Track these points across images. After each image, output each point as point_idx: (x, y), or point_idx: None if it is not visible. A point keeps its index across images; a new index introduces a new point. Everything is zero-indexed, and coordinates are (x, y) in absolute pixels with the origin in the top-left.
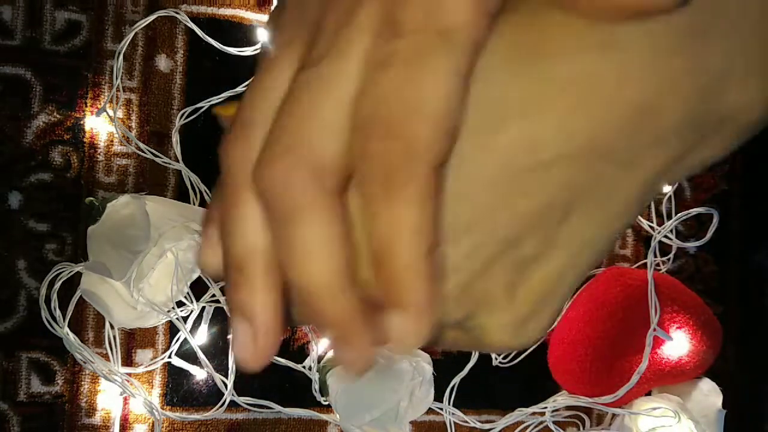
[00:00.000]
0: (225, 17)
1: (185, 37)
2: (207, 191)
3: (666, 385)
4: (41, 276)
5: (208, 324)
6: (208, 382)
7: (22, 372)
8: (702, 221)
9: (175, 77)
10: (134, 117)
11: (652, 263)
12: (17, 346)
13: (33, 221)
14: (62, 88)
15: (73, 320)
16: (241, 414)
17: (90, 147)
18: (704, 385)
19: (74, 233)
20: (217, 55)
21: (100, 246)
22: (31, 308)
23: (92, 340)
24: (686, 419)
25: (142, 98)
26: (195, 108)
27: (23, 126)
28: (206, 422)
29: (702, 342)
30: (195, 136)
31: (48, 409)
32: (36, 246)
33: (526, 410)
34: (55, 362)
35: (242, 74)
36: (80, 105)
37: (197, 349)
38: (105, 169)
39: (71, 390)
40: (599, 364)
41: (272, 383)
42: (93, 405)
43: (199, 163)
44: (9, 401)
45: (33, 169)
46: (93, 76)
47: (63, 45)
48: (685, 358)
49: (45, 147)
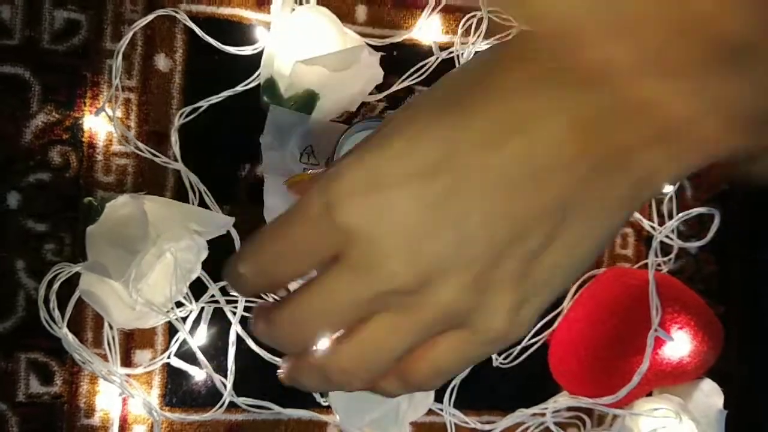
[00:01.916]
0: (224, 16)
1: (184, 37)
2: (206, 191)
3: (667, 385)
4: (40, 276)
5: (207, 324)
6: (207, 382)
7: (20, 372)
8: (703, 221)
9: (174, 76)
10: (133, 116)
11: (654, 263)
12: (16, 347)
13: (31, 221)
14: (61, 87)
15: (72, 321)
16: (241, 415)
17: (89, 147)
18: (705, 385)
19: (73, 233)
20: (217, 54)
21: (98, 246)
22: (29, 309)
23: (91, 340)
24: (687, 420)
25: (141, 98)
26: (194, 107)
27: (22, 126)
28: (205, 423)
29: (703, 342)
30: (194, 136)
31: (47, 410)
32: (34, 246)
33: (526, 411)
34: (53, 363)
35: (241, 73)
36: (79, 104)
37: (196, 350)
38: (104, 169)
39: (70, 390)
40: (600, 364)
41: (272, 384)
42: (92, 405)
43: (198, 162)
44: (7, 402)
45: (31, 169)
46: (92, 76)
47: (62, 44)
48: (686, 359)
49: (43, 147)
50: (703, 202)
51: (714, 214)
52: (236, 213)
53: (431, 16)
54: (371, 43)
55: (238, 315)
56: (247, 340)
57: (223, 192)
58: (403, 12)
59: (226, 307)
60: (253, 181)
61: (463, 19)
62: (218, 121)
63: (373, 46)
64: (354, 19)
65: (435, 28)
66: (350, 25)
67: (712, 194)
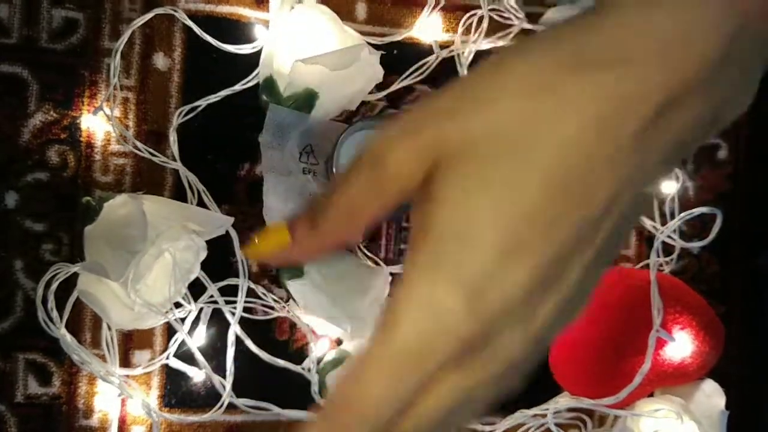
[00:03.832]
0: (223, 15)
1: (183, 35)
2: (205, 191)
3: (668, 386)
4: (38, 276)
5: (206, 325)
6: (206, 383)
7: (18, 373)
8: (705, 221)
9: (172, 75)
10: (131, 116)
11: (655, 264)
12: (14, 347)
13: (29, 221)
14: (59, 86)
15: (70, 321)
16: (240, 416)
17: (87, 146)
18: (707, 386)
19: (71, 233)
20: (215, 53)
21: (97, 246)
22: (27, 309)
23: (89, 341)
24: (689, 420)
25: (140, 97)
26: (193, 106)
27: (19, 125)
28: (204, 424)
29: (705, 343)
30: (193, 135)
31: (45, 411)
32: (33, 246)
33: (527, 412)
34: (52, 363)
35: (240, 72)
36: (77, 104)
37: (195, 351)
38: (102, 169)
39: (68, 391)
40: (601, 365)
41: (271, 385)
42: (90, 406)
43: (196, 162)
44: (5, 402)
45: (29, 169)
46: (90, 75)
47: (60, 43)
48: (687, 360)
49: (42, 146)
50: (705, 203)
51: (716, 215)
52: (235, 212)
53: (432, 15)
54: (371, 42)
55: (237, 315)
56: (246, 341)
57: (222, 191)
58: (403, 10)
59: (225, 307)
60: (252, 180)
61: (464, 17)
62: (217, 121)
63: (373, 44)
64: (354, 18)
65: (435, 27)
66: (350, 24)
67: (715, 194)
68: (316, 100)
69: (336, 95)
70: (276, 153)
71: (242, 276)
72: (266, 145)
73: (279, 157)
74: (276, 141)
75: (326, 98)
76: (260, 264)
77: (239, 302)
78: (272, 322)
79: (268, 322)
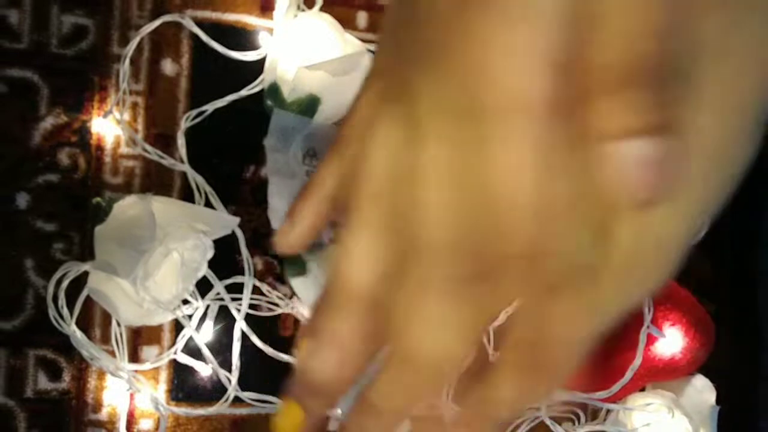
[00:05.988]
0: (229, 22)
1: (190, 42)
2: (212, 192)
3: (659, 381)
4: (49, 275)
5: (213, 321)
6: (213, 378)
7: (29, 369)
8: None
9: (180, 81)
10: (140, 119)
11: None
12: (25, 344)
13: (41, 221)
14: (69, 91)
15: (80, 318)
16: (245, 409)
17: (97, 149)
18: (698, 381)
19: (81, 233)
20: (222, 59)
21: (106, 245)
22: (38, 306)
23: (99, 337)
24: (680, 415)
25: (148, 101)
26: (200, 111)
27: (30, 128)
28: (211, 417)
29: (695, 339)
30: (200, 139)
31: (55, 406)
32: (43, 245)
33: None
34: (62, 359)
35: (246, 78)
36: (87, 108)
37: (202, 346)
38: (112, 171)
39: (78, 386)
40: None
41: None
42: (99, 401)
43: (204, 164)
44: (16, 398)
45: (40, 171)
46: (100, 80)
47: (70, 49)
48: (678, 355)
49: (52, 149)
50: None
51: None
52: (241, 213)
53: None
54: (372, 49)
55: (243, 312)
56: (251, 337)
57: (228, 193)
58: None
59: (231, 304)
60: (258, 182)
61: None
62: (223, 125)
63: (373, 51)
64: (355, 26)
65: None
66: (351, 32)
67: None
68: (319, 105)
69: (337, 100)
70: (280, 156)
71: (248, 274)
72: (271, 148)
73: (283, 160)
74: (280, 144)
75: (328, 103)
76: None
77: (245, 299)
78: (277, 319)
79: (273, 318)
